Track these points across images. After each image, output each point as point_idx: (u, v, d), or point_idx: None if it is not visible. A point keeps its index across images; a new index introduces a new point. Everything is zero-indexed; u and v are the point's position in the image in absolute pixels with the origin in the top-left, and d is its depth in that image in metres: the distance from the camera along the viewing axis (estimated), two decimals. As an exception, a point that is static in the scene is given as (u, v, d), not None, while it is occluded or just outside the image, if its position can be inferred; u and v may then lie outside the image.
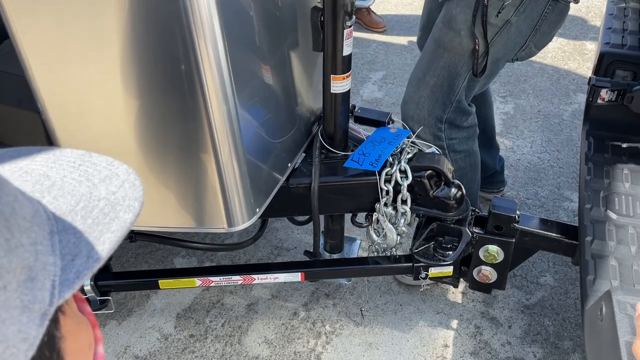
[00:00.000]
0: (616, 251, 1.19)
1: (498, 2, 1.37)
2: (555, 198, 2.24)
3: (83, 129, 1.19)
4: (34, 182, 0.38)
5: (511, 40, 1.45)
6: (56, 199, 0.38)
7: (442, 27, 1.51)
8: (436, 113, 1.59)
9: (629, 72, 1.51)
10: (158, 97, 1.11)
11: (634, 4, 1.77)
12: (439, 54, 1.52)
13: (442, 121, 1.61)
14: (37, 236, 0.34)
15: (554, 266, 1.95)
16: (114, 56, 1.06)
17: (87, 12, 1.01)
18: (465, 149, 1.70)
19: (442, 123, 1.61)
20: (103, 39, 1.04)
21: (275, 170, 1.38)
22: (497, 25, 1.41)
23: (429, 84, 1.56)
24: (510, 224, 1.42)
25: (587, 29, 3.45)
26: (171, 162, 1.21)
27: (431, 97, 1.57)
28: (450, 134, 1.64)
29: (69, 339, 0.37)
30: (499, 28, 1.42)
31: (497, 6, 1.37)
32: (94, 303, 1.59)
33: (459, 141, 1.67)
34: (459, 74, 1.52)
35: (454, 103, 1.57)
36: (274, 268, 1.58)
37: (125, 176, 0.41)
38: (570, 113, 2.73)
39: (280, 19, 1.25)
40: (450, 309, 1.83)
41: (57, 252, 0.34)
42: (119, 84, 1.10)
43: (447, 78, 1.54)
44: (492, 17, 1.38)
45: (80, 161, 0.42)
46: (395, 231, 1.48)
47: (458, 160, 1.70)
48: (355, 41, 3.52)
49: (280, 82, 1.32)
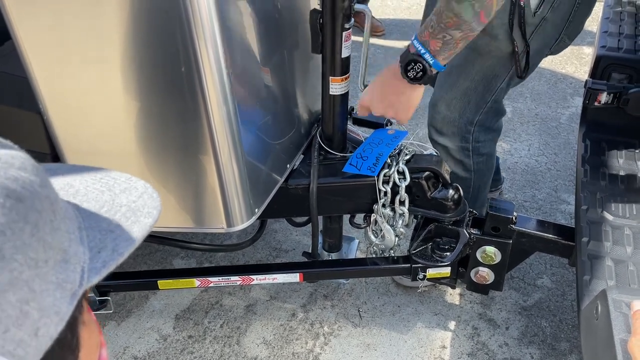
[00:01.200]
0: (612, 252, 1.20)
1: (534, 1, 1.37)
2: (553, 201, 2.25)
3: (84, 129, 1.20)
4: (59, 188, 0.42)
5: (547, 35, 1.45)
6: (81, 203, 0.42)
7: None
8: (468, 115, 1.59)
9: (625, 75, 1.52)
10: (158, 98, 1.13)
11: (630, 8, 1.79)
12: (472, 58, 1.50)
13: (472, 123, 1.61)
14: (70, 227, 0.37)
15: (551, 268, 1.96)
16: (114, 57, 1.07)
17: (88, 13, 1.02)
18: (488, 152, 1.71)
19: (472, 125, 1.61)
20: (104, 40, 1.05)
21: (274, 171, 1.39)
22: (534, 23, 1.41)
23: (462, 87, 1.55)
24: (507, 225, 1.43)
25: (584, 33, 3.46)
26: (171, 163, 1.22)
27: (463, 100, 1.57)
28: (479, 136, 1.64)
29: (86, 329, 0.39)
30: (536, 26, 1.41)
31: (534, 5, 1.37)
32: (93, 303, 1.60)
33: (484, 144, 1.67)
34: (497, 75, 1.51)
35: (489, 103, 1.57)
36: (273, 269, 1.59)
37: (143, 189, 0.47)
38: (568, 116, 2.74)
39: (279, 21, 1.26)
40: (448, 310, 1.83)
41: (85, 243, 0.38)
42: (120, 85, 1.11)
43: (481, 81, 1.53)
44: (529, 17, 1.38)
45: (101, 175, 0.47)
46: (393, 232, 1.49)
47: (480, 163, 1.70)
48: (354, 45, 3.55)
49: (279, 84, 1.33)
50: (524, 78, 1.53)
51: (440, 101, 1.61)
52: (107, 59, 1.08)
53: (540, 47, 1.48)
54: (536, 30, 1.42)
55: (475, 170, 1.71)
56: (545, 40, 1.47)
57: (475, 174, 1.72)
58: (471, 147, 1.65)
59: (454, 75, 1.56)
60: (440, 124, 1.64)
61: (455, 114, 1.60)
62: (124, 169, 1.28)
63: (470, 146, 1.65)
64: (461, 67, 1.53)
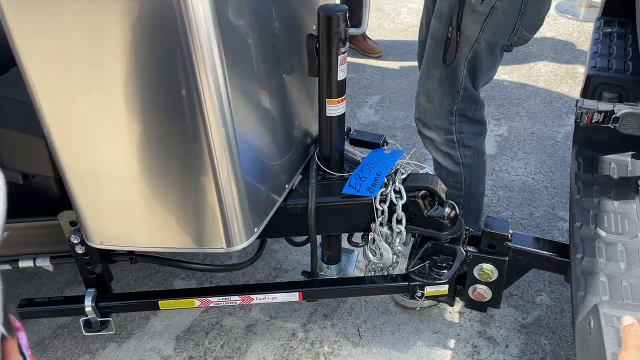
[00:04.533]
0: (606, 268, 1.22)
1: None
2: (550, 218, 2.27)
3: (86, 152, 1.22)
4: None
5: (500, 25, 1.52)
6: None
7: (435, 22, 1.59)
8: (446, 104, 1.66)
9: (616, 94, 1.56)
10: (159, 121, 1.16)
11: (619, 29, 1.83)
12: (437, 47, 1.59)
13: (452, 112, 1.68)
14: None
15: (550, 285, 1.97)
16: (116, 82, 1.11)
17: (90, 41, 1.06)
18: (474, 145, 1.76)
19: (452, 115, 1.68)
20: (106, 65, 1.09)
21: (273, 191, 1.41)
22: (484, 12, 1.48)
23: (435, 76, 1.64)
24: (503, 243, 1.45)
25: (579, 53, 3.53)
26: (171, 184, 1.25)
27: (439, 89, 1.65)
28: (461, 127, 1.71)
29: None
30: (486, 15, 1.49)
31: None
32: (94, 324, 1.61)
33: (468, 135, 1.73)
34: (458, 63, 1.59)
35: (460, 92, 1.64)
36: (272, 288, 1.61)
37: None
38: (564, 135, 2.78)
39: (277, 46, 1.30)
40: (447, 328, 1.84)
41: None
42: (122, 109, 1.14)
43: (448, 68, 1.61)
44: (478, 5, 1.46)
45: None
46: (391, 250, 1.51)
47: (467, 157, 1.76)
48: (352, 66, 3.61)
49: (277, 106, 1.37)
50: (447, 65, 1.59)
51: (421, 94, 1.70)
52: (109, 84, 1.11)
53: (497, 36, 1.55)
54: (487, 19, 1.49)
55: (464, 165, 1.77)
56: (500, 30, 1.53)
57: (465, 169, 1.77)
58: (456, 139, 1.72)
59: (427, 66, 1.65)
60: (424, 116, 1.72)
61: (435, 105, 1.68)
62: (125, 190, 1.32)
63: (455, 137, 1.72)
64: (431, 57, 1.63)
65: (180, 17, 1.00)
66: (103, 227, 1.35)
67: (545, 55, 3.50)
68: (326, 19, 1.25)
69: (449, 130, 1.70)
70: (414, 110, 1.80)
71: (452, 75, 1.62)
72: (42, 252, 1.58)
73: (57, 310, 1.65)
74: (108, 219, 1.33)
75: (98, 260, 1.55)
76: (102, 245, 1.38)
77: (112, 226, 1.34)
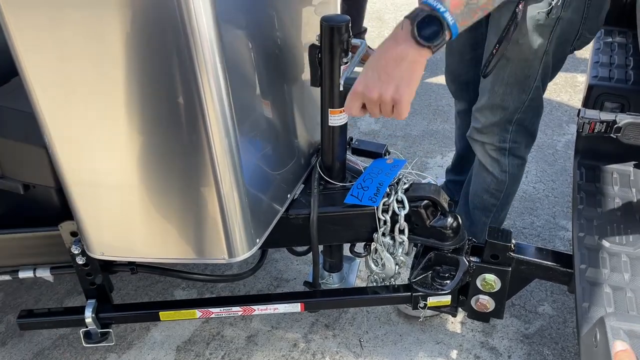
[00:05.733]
0: (610, 279, 1.21)
1: (544, 6, 1.42)
2: (551, 227, 2.27)
3: (88, 162, 1.22)
4: None
5: (565, 33, 1.51)
6: None
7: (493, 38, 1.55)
8: (507, 116, 1.66)
9: (617, 104, 1.56)
10: (162, 132, 1.15)
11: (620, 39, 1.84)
12: (503, 64, 1.56)
13: (511, 122, 1.67)
14: None
15: (552, 295, 1.97)
16: (118, 92, 1.10)
17: (92, 49, 1.06)
18: (523, 156, 1.77)
19: (511, 124, 1.67)
20: (107, 75, 1.09)
21: (274, 202, 1.41)
22: (549, 25, 1.46)
23: (499, 93, 1.62)
24: (506, 253, 1.45)
25: (578, 62, 3.54)
26: (174, 195, 1.25)
27: (503, 103, 1.64)
28: (516, 137, 1.71)
29: None
30: (552, 27, 1.47)
31: (545, 9, 1.42)
32: (95, 336, 1.60)
33: (519, 147, 1.73)
34: (529, 76, 1.58)
35: (526, 102, 1.63)
36: (274, 299, 1.60)
37: None
38: (564, 144, 2.78)
39: (279, 56, 1.30)
40: (449, 339, 1.83)
41: None
42: (123, 119, 1.14)
43: (515, 84, 1.59)
44: (543, 19, 1.44)
45: None
46: (394, 260, 1.50)
47: (514, 166, 1.76)
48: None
49: (279, 116, 1.36)
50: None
51: (483, 108, 1.69)
52: (111, 94, 1.11)
53: (560, 45, 1.54)
54: (554, 30, 1.47)
55: (510, 173, 1.77)
56: (564, 38, 1.53)
57: (510, 178, 1.77)
58: (508, 147, 1.72)
59: (489, 83, 1.63)
60: (483, 126, 1.71)
61: (497, 117, 1.67)
62: (126, 201, 1.31)
63: (508, 145, 1.71)
64: (494, 75, 1.60)
65: (183, 28, 1.00)
66: (104, 237, 1.34)
67: (545, 64, 3.51)
68: (328, 29, 1.25)
69: (503, 138, 1.70)
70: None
71: (519, 89, 1.60)
72: (43, 263, 1.57)
73: (57, 322, 1.64)
74: (109, 230, 1.32)
75: (99, 271, 1.54)
76: (103, 256, 1.37)
77: (113, 237, 1.34)
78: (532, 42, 1.48)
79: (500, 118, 1.67)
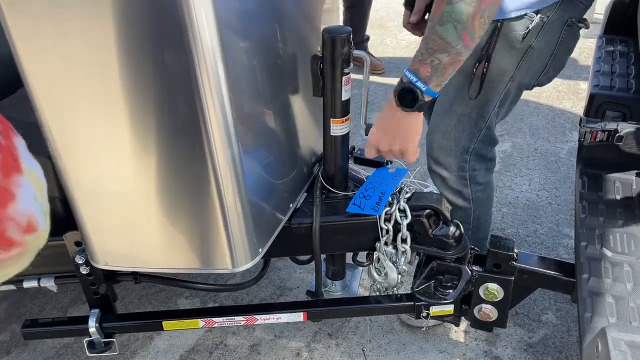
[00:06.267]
0: (612, 288, 1.21)
1: (522, 28, 1.41)
2: (555, 235, 2.26)
3: (92, 173, 1.23)
4: None
5: (534, 64, 1.49)
6: None
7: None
8: (463, 143, 1.62)
9: (619, 113, 1.56)
10: (165, 142, 1.16)
11: (621, 47, 1.84)
12: (463, 82, 1.52)
13: (468, 152, 1.64)
14: None
15: (556, 304, 1.96)
16: (122, 103, 1.11)
17: (96, 61, 1.07)
18: (485, 182, 1.74)
19: (468, 154, 1.64)
20: (112, 86, 1.10)
21: (277, 211, 1.41)
22: (521, 50, 1.44)
23: (456, 113, 1.58)
24: (508, 262, 1.45)
25: (581, 69, 3.54)
26: (177, 205, 1.25)
27: (458, 127, 1.60)
28: (475, 165, 1.67)
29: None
30: (524, 53, 1.45)
31: (521, 31, 1.41)
32: (98, 345, 1.60)
33: (481, 173, 1.70)
34: (490, 100, 1.54)
35: (482, 130, 1.60)
36: (277, 308, 1.60)
37: None
38: (567, 151, 2.78)
39: (282, 67, 1.31)
40: (453, 348, 1.83)
41: None
42: (127, 130, 1.15)
43: (475, 106, 1.55)
44: (517, 43, 1.42)
45: None
46: (396, 270, 1.50)
47: (477, 192, 1.73)
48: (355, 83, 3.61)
49: (282, 126, 1.37)
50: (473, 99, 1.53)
51: (436, 130, 1.65)
52: (115, 105, 1.12)
53: (529, 75, 1.52)
54: (524, 57, 1.46)
55: (474, 200, 1.73)
56: (533, 69, 1.51)
57: (474, 203, 1.74)
58: (468, 176, 1.68)
59: (448, 101, 1.59)
60: (437, 153, 1.67)
61: (451, 142, 1.63)
62: (130, 210, 1.32)
63: (468, 175, 1.68)
64: (455, 93, 1.56)
65: (186, 39, 1.01)
66: (108, 247, 1.35)
67: (548, 72, 3.51)
68: (330, 41, 1.26)
69: (462, 167, 1.66)
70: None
71: (477, 113, 1.57)
72: (47, 272, 1.58)
73: (61, 331, 1.65)
74: (113, 240, 1.33)
75: (102, 281, 1.55)
76: (107, 266, 1.38)
77: (117, 247, 1.34)
78: (501, 63, 1.46)
79: (454, 144, 1.63)
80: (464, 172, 1.67)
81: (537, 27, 1.40)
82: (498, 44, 1.43)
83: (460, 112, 1.58)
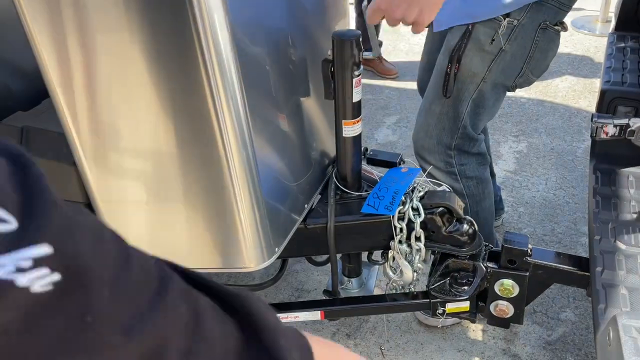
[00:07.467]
0: (626, 280, 1.22)
1: (491, 31, 1.45)
2: (572, 234, 2.26)
3: (114, 178, 1.28)
4: None
5: (508, 67, 1.52)
6: None
7: (442, 57, 1.59)
8: (444, 140, 1.66)
9: (631, 108, 1.57)
10: (183, 145, 1.21)
11: (632, 44, 1.85)
12: (439, 82, 1.58)
13: (450, 148, 1.67)
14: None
15: (574, 301, 1.96)
16: (143, 112, 1.17)
17: (119, 74, 1.12)
18: (476, 175, 1.75)
19: (451, 150, 1.68)
20: (134, 96, 1.15)
21: (292, 212, 1.45)
22: (492, 52, 1.49)
23: (435, 112, 1.64)
24: (523, 258, 1.46)
25: (597, 68, 3.53)
26: (194, 207, 1.30)
27: (438, 126, 1.64)
28: (461, 160, 1.70)
29: None
30: (494, 55, 1.49)
31: (490, 34, 1.45)
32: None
33: (469, 167, 1.73)
34: (462, 100, 1.59)
35: (460, 129, 1.64)
36: (294, 307, 1.63)
37: None
38: (584, 150, 2.77)
39: (293, 71, 1.35)
40: (471, 346, 1.83)
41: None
42: (148, 136, 1.20)
43: (451, 105, 1.60)
44: (487, 45, 1.46)
45: None
46: (411, 268, 1.52)
47: (471, 187, 1.75)
48: (369, 88, 3.66)
49: (295, 129, 1.41)
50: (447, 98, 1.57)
51: (420, 129, 1.70)
52: (137, 114, 1.17)
53: (502, 77, 1.55)
54: (495, 59, 1.49)
55: (468, 195, 1.75)
56: (507, 72, 1.54)
57: (470, 199, 1.76)
58: (457, 171, 1.71)
59: (428, 100, 1.65)
60: (422, 152, 1.71)
61: (433, 140, 1.67)
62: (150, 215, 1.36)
63: (456, 170, 1.70)
64: (434, 93, 1.62)
65: (199, 47, 1.06)
66: (130, 249, 1.39)
67: (563, 71, 3.50)
68: (340, 44, 1.30)
69: (448, 163, 1.70)
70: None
71: (453, 111, 1.61)
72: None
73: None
74: (134, 243, 1.38)
75: (125, 283, 1.59)
76: (130, 268, 1.42)
77: (138, 249, 1.39)
78: (471, 64, 1.50)
79: (437, 142, 1.66)
80: (451, 167, 1.70)
81: (507, 31, 1.44)
82: (468, 47, 1.47)
83: (439, 112, 1.63)
